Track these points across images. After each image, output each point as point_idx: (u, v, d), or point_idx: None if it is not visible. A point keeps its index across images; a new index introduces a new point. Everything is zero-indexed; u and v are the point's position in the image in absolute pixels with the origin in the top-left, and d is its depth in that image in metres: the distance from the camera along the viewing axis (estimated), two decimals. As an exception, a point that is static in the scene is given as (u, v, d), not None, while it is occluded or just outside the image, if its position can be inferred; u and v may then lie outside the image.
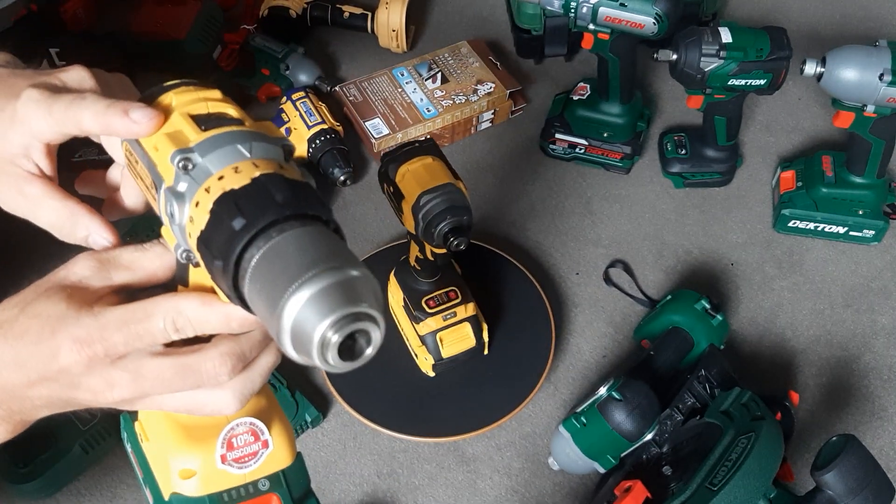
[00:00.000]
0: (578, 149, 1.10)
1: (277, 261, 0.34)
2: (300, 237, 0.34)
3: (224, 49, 1.17)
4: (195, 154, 0.38)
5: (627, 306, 0.98)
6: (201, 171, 0.37)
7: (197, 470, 0.41)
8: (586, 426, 0.80)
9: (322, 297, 0.32)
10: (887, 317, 0.98)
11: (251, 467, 0.42)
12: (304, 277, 0.32)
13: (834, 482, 0.63)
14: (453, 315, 0.87)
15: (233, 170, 0.37)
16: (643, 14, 0.93)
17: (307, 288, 0.32)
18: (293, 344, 0.33)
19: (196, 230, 0.36)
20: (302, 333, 0.32)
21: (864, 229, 1.01)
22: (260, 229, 0.34)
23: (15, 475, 0.81)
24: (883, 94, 0.88)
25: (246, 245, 0.34)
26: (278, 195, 0.35)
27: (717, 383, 0.79)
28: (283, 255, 0.34)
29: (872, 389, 0.92)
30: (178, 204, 0.37)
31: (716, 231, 1.06)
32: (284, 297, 0.32)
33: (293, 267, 0.33)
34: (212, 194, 0.36)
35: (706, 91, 0.98)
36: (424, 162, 0.77)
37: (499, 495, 0.86)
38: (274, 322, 0.33)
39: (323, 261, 0.33)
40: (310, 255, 0.33)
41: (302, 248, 0.34)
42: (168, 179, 0.38)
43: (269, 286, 0.33)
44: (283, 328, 0.32)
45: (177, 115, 0.41)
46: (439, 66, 1.16)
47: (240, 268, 0.34)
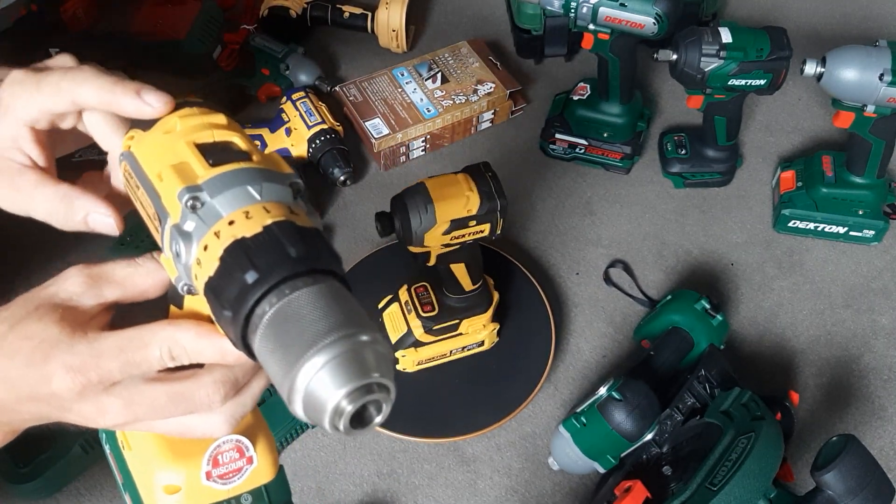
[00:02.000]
0: (578, 149, 1.10)
1: (291, 322, 0.33)
2: (315, 297, 0.34)
3: (224, 49, 1.17)
4: (204, 193, 0.37)
5: (627, 306, 0.98)
6: (210, 211, 0.36)
7: (182, 486, 0.41)
8: (586, 426, 0.80)
9: (338, 366, 0.32)
10: (887, 317, 0.98)
11: (235, 483, 0.42)
12: (321, 345, 0.32)
13: (834, 482, 0.63)
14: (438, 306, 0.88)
15: (244, 214, 0.36)
16: (643, 14, 0.93)
17: (323, 355, 0.32)
18: (304, 407, 0.33)
19: (204, 275, 0.36)
20: (315, 400, 0.32)
21: (864, 229, 1.01)
22: (273, 285, 0.34)
23: (15, 475, 0.81)
24: (883, 94, 0.88)
25: (258, 300, 0.34)
26: (291, 249, 0.34)
27: (717, 383, 0.79)
28: (297, 316, 0.33)
29: (872, 389, 0.92)
30: (185, 244, 0.36)
31: (716, 231, 1.06)
32: (299, 362, 0.32)
33: (308, 331, 0.32)
34: (222, 240, 0.35)
35: (706, 91, 0.98)
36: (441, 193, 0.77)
37: (499, 495, 0.86)
38: (285, 384, 0.32)
39: (339, 327, 0.33)
40: (325, 318, 0.33)
41: (317, 309, 0.33)
42: (174, 216, 0.37)
43: (282, 348, 0.33)
44: (296, 392, 0.32)
45: (182, 145, 0.39)
46: (439, 66, 1.16)
47: (250, 322, 0.34)
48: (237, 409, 0.40)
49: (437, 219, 0.74)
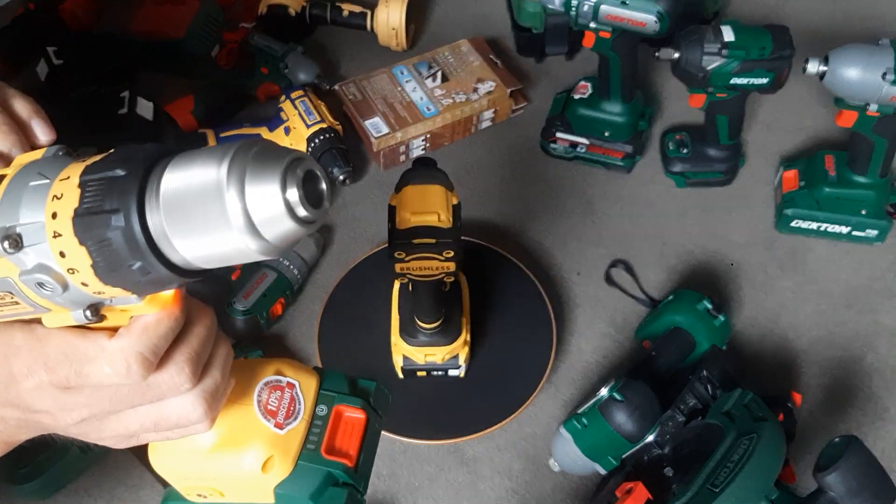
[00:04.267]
0: (579, 148, 1.09)
1: (187, 172, 0.30)
2: (190, 153, 0.31)
3: (223, 48, 1.17)
4: (3, 225, 0.32)
5: (629, 306, 0.98)
6: (30, 228, 0.32)
7: (271, 452, 0.41)
8: (587, 427, 0.80)
9: (259, 164, 0.29)
10: (890, 317, 0.98)
11: (300, 408, 0.42)
12: (227, 162, 0.29)
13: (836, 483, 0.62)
14: None
15: (59, 190, 0.32)
16: (645, 12, 0.93)
17: (238, 163, 0.29)
18: (258, 227, 0.30)
19: (66, 222, 0.31)
20: (263, 208, 0.29)
21: (866, 229, 1.01)
22: (148, 166, 0.31)
23: (15, 475, 0.81)
24: (886, 93, 0.88)
25: (143, 183, 0.31)
26: (141, 146, 0.32)
27: (718, 384, 0.79)
28: (189, 162, 0.30)
29: (875, 390, 0.92)
30: (43, 270, 0.32)
31: (717, 231, 1.05)
32: (221, 187, 0.29)
33: (210, 164, 0.29)
34: (65, 200, 0.31)
35: (708, 90, 0.97)
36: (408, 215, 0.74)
37: (499, 496, 0.85)
38: (220, 223, 0.29)
39: (228, 147, 0.30)
40: (212, 150, 0.30)
41: (200, 153, 0.31)
42: (10, 271, 0.33)
43: (197, 193, 0.29)
44: (238, 218, 0.29)
45: None
46: (439, 64, 1.16)
47: (145, 206, 0.31)
48: (207, 385, 0.39)
49: None
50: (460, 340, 0.86)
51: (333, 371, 0.45)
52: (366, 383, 0.45)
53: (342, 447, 0.43)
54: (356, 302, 0.94)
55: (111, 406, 0.37)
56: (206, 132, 1.07)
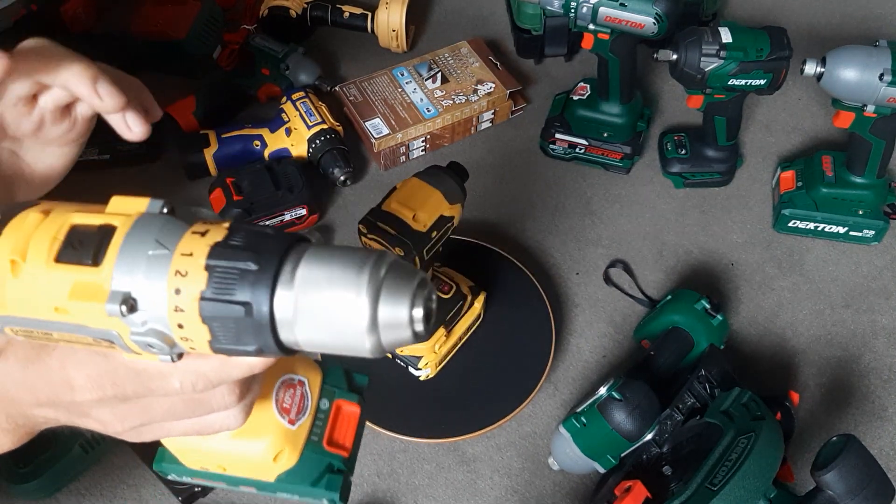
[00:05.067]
0: (578, 149, 1.10)
1: (323, 273, 0.32)
2: (323, 248, 0.33)
3: (224, 49, 1.17)
4: (126, 291, 0.33)
5: (627, 306, 0.98)
6: (149, 297, 0.33)
7: (282, 445, 0.43)
8: (586, 426, 0.80)
9: (395, 275, 0.32)
10: (887, 317, 0.98)
11: (308, 404, 0.45)
12: (367, 273, 0.32)
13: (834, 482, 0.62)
14: (446, 274, 0.89)
15: (182, 269, 0.33)
16: (643, 14, 0.93)
17: (376, 273, 0.32)
18: (380, 334, 0.32)
19: (192, 300, 0.32)
20: (390, 312, 0.32)
21: (864, 229, 1.01)
22: (279, 260, 0.33)
23: (15, 475, 0.81)
24: (883, 94, 0.88)
25: (275, 280, 0.32)
26: (265, 231, 0.33)
27: (717, 383, 0.79)
28: (325, 262, 0.32)
29: (873, 389, 0.92)
30: (156, 335, 0.34)
31: (716, 231, 1.06)
32: (360, 296, 0.32)
33: (349, 271, 0.32)
34: (192, 272, 0.32)
35: (706, 91, 0.98)
36: (393, 207, 0.77)
37: (499, 495, 0.86)
38: (353, 318, 0.32)
39: (367, 254, 0.32)
40: (350, 253, 0.33)
41: (335, 252, 0.33)
42: (121, 330, 0.34)
43: (330, 299, 0.32)
44: (365, 324, 0.32)
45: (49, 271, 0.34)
46: (439, 66, 1.16)
47: (274, 299, 0.32)
48: (249, 400, 0.41)
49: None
50: (427, 346, 0.86)
51: (333, 366, 0.48)
52: (360, 378, 0.49)
53: (340, 439, 0.46)
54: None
55: (163, 417, 0.39)
56: (208, 133, 1.07)
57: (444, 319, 0.87)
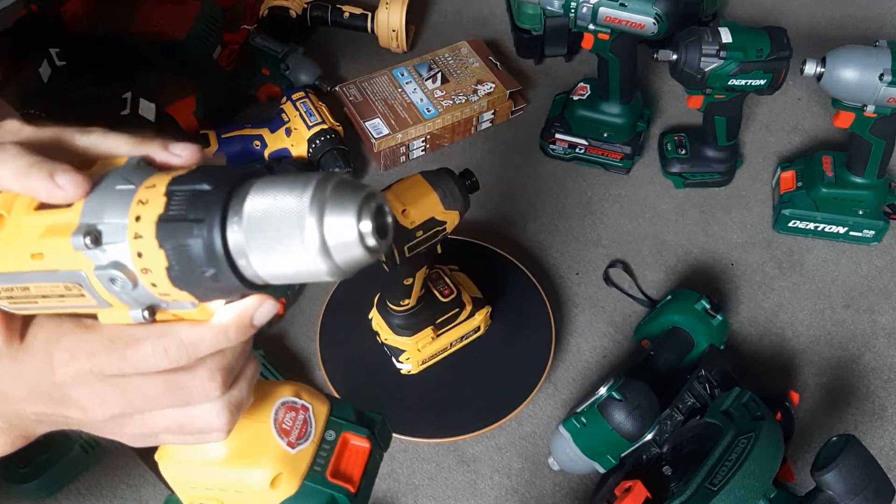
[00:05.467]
0: (578, 149, 1.10)
1: (270, 196, 0.32)
2: (273, 177, 0.33)
3: (224, 49, 1.17)
4: (90, 224, 0.34)
5: (627, 306, 0.98)
6: (112, 227, 0.34)
7: (280, 469, 0.43)
8: (586, 426, 0.80)
9: (340, 190, 0.32)
10: (887, 317, 0.98)
11: (311, 431, 0.44)
12: (311, 190, 0.32)
13: (834, 482, 0.62)
14: (453, 278, 0.89)
15: (144, 195, 0.34)
16: (643, 14, 0.93)
17: (320, 190, 0.32)
18: (331, 252, 0.32)
19: (149, 226, 0.33)
20: (338, 235, 0.32)
21: (864, 229, 1.01)
22: (232, 186, 0.33)
23: (15, 475, 0.81)
24: (883, 94, 0.88)
25: (227, 201, 0.33)
26: (226, 166, 0.34)
27: (717, 383, 0.79)
28: (274, 186, 0.33)
29: (873, 389, 0.92)
30: (118, 267, 0.34)
31: (716, 231, 1.06)
32: (304, 213, 0.31)
33: (294, 191, 0.32)
34: (151, 203, 0.33)
35: (706, 91, 0.98)
36: (388, 199, 0.76)
37: (499, 495, 0.86)
38: (301, 237, 0.32)
39: (312, 175, 0.32)
40: (298, 176, 0.33)
41: (285, 178, 0.33)
42: (86, 266, 0.35)
43: (279, 215, 0.32)
44: (314, 241, 0.32)
45: (28, 218, 0.36)
46: (439, 66, 1.16)
47: (227, 221, 0.33)
48: (234, 396, 0.40)
49: None
50: (411, 342, 0.86)
51: (343, 401, 0.47)
52: (371, 415, 0.47)
53: (346, 472, 0.45)
54: (357, 302, 0.94)
55: (142, 404, 0.38)
56: (208, 133, 1.07)
57: (434, 321, 0.87)
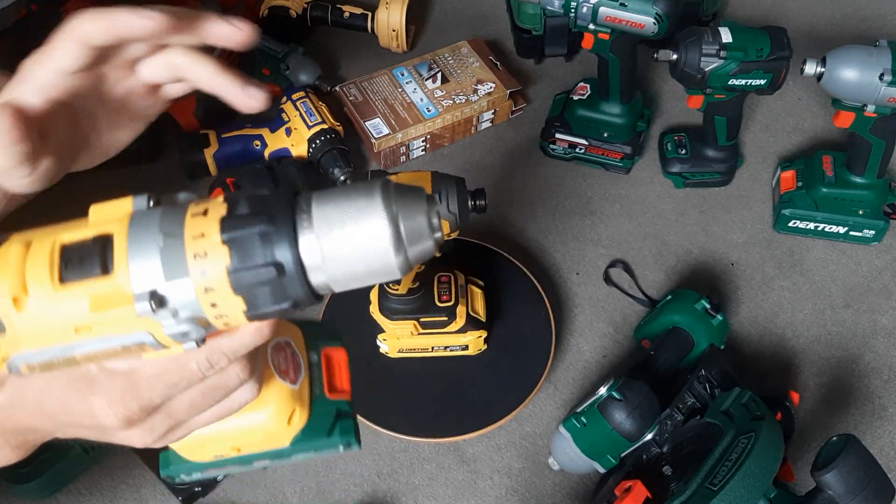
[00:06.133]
0: (578, 149, 1.10)
1: (336, 211, 0.33)
2: (327, 191, 0.34)
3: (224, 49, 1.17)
4: (147, 290, 0.33)
5: (627, 306, 0.98)
6: (175, 287, 0.33)
7: (293, 405, 0.44)
8: (586, 426, 0.80)
9: (404, 196, 0.34)
10: (887, 317, 0.98)
11: (301, 361, 0.46)
12: (379, 196, 0.33)
13: (834, 482, 0.63)
14: (462, 288, 0.88)
15: (199, 251, 0.33)
16: (643, 14, 0.93)
17: (388, 199, 0.33)
18: (406, 245, 0.34)
19: (220, 279, 0.33)
20: (412, 227, 0.34)
21: (864, 229, 1.01)
22: (291, 213, 0.34)
23: (15, 475, 0.81)
24: (883, 94, 0.88)
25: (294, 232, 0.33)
26: (263, 195, 0.34)
27: (717, 383, 0.79)
28: (335, 204, 0.33)
29: (873, 389, 0.92)
30: (186, 318, 0.34)
31: (716, 231, 1.06)
32: (380, 217, 0.33)
33: (360, 200, 0.33)
34: (212, 265, 0.33)
35: (706, 91, 0.98)
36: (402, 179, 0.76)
37: (499, 495, 0.86)
38: (373, 242, 0.33)
39: (368, 183, 0.34)
40: (357, 186, 0.34)
41: (340, 192, 0.34)
42: (154, 329, 0.34)
43: (351, 222, 0.33)
44: (389, 236, 0.33)
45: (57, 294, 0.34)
46: (439, 66, 1.16)
47: (298, 247, 0.33)
48: (259, 369, 0.41)
49: None
50: (392, 325, 0.87)
51: (303, 321, 0.48)
52: (327, 324, 0.50)
53: (338, 384, 0.48)
54: (357, 302, 0.94)
55: (187, 414, 0.39)
56: (208, 133, 1.07)
57: (419, 319, 0.86)
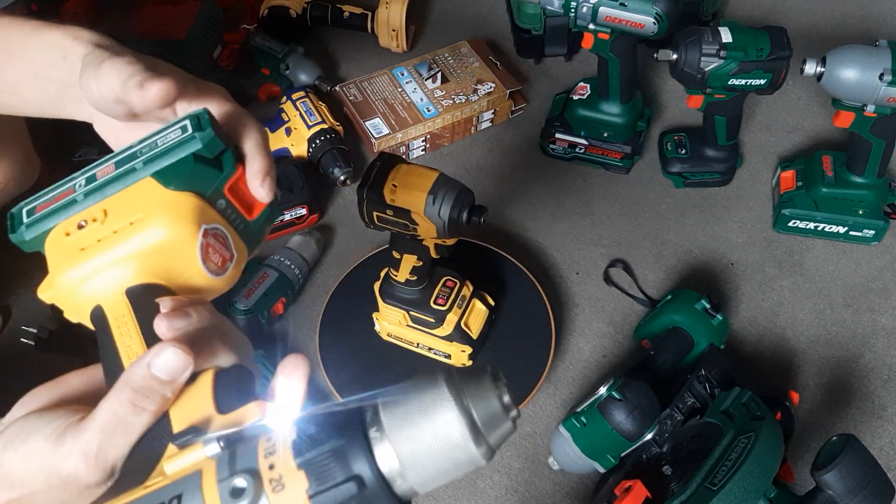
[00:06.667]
0: (578, 148, 1.10)
1: (404, 413, 0.33)
2: (383, 399, 0.33)
3: (224, 49, 1.17)
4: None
5: (627, 306, 0.98)
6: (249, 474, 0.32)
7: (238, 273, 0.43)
8: (586, 426, 0.80)
9: (469, 383, 0.33)
10: (887, 317, 0.98)
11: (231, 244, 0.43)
12: (445, 389, 0.32)
13: (834, 482, 0.62)
14: (463, 299, 0.87)
15: (274, 477, 0.32)
16: (643, 14, 0.93)
17: (456, 390, 0.33)
18: (487, 437, 0.33)
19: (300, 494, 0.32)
20: (489, 418, 0.33)
21: (864, 229, 1.01)
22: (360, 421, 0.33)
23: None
24: (883, 94, 0.88)
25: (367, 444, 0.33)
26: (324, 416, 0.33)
27: (717, 383, 0.79)
28: (401, 407, 0.33)
29: (872, 389, 0.92)
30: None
31: (716, 231, 1.06)
32: (453, 410, 0.32)
33: (426, 397, 0.33)
34: (290, 490, 0.32)
35: (706, 91, 0.98)
36: (400, 171, 0.76)
37: (499, 495, 0.86)
38: (450, 440, 0.32)
39: (428, 378, 0.33)
40: (415, 386, 0.33)
41: (400, 393, 0.33)
42: None
43: (428, 428, 0.32)
44: (464, 430, 0.32)
45: None
46: (439, 65, 1.16)
47: (374, 458, 0.33)
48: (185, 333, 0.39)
49: None
50: (384, 307, 0.87)
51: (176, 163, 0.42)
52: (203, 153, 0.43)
53: (251, 201, 0.45)
54: (357, 302, 0.94)
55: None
56: (207, 133, 1.07)
57: (409, 311, 0.86)
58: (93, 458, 0.35)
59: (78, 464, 0.35)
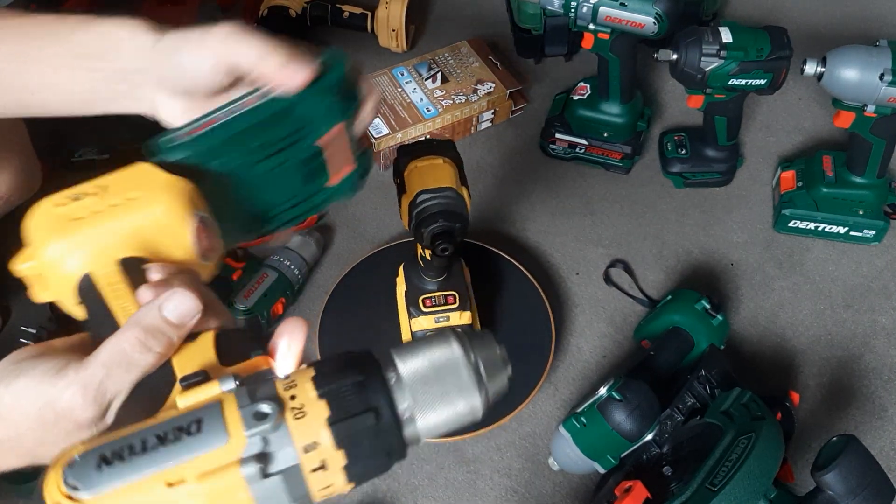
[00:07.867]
0: (578, 149, 1.10)
1: (419, 359, 0.35)
2: (399, 347, 0.36)
3: (224, 49, 1.17)
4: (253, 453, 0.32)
5: (628, 306, 0.98)
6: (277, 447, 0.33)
7: None
8: (586, 426, 0.80)
9: (476, 339, 0.37)
10: (888, 317, 0.98)
11: None
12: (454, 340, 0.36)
13: (834, 482, 0.62)
14: (446, 319, 0.86)
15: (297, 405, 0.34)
16: (643, 14, 0.93)
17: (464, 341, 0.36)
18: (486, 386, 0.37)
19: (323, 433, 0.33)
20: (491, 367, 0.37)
21: (864, 229, 1.01)
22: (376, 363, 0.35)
23: (15, 475, 0.81)
24: (883, 94, 0.88)
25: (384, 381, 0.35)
26: (343, 355, 0.36)
27: (717, 383, 0.79)
28: (417, 353, 0.36)
29: (873, 390, 0.92)
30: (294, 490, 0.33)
31: (716, 231, 1.06)
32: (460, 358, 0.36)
33: (441, 348, 0.36)
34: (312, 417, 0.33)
35: (706, 91, 0.98)
36: (434, 162, 0.77)
37: (499, 495, 0.85)
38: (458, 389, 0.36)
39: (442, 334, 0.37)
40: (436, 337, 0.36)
41: (421, 343, 0.36)
42: None
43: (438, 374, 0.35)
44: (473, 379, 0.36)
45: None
46: (439, 65, 1.16)
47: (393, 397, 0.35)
48: None
49: None
50: (403, 284, 0.87)
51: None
52: None
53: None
54: (356, 302, 0.94)
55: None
56: (207, 133, 1.07)
57: (423, 300, 0.86)
58: (92, 391, 0.36)
59: (76, 395, 0.36)
